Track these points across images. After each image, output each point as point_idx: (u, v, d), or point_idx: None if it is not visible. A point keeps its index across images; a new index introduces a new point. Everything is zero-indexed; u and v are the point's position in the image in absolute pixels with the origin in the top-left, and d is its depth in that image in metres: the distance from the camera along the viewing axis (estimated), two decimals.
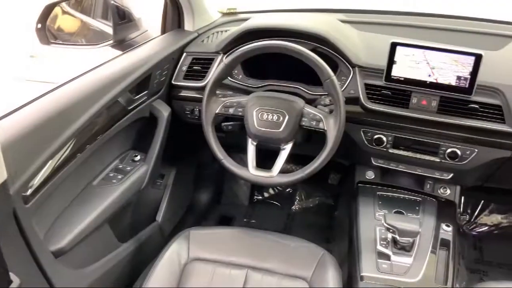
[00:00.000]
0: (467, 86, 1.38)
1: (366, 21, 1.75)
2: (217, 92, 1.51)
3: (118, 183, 1.43)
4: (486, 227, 2.23)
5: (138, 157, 1.55)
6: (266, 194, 2.44)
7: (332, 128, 1.34)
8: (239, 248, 1.41)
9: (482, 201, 2.25)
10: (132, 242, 1.60)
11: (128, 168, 1.50)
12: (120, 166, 1.50)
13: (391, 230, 1.33)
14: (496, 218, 2.25)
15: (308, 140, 1.61)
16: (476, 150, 1.44)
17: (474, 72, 1.36)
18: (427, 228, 1.45)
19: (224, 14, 1.94)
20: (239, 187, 2.39)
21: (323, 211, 2.32)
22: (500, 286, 1.29)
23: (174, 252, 1.38)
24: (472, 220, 2.25)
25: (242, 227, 1.55)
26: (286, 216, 2.31)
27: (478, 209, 2.25)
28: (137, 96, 1.51)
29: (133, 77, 1.43)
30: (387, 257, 1.34)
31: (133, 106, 1.49)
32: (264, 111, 1.38)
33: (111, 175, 1.46)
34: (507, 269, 2.03)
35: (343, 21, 1.74)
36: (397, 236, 1.32)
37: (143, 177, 1.51)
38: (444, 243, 1.41)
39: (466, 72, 1.37)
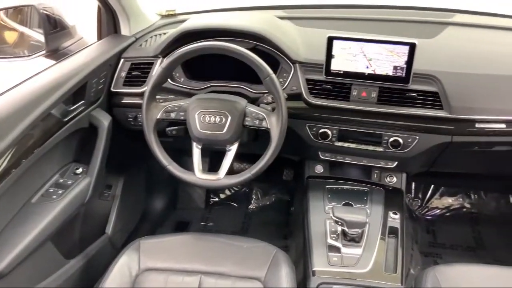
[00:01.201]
0: (403, 75, 1.40)
1: (304, 16, 1.76)
2: (158, 96, 1.48)
3: (59, 198, 1.37)
4: (438, 211, 2.30)
5: (80, 170, 1.50)
6: (222, 196, 2.42)
7: (275, 126, 1.33)
8: (192, 254, 1.39)
9: (432, 186, 2.32)
10: (81, 257, 1.55)
11: (69, 182, 1.44)
12: (61, 181, 1.45)
13: (339, 223, 1.34)
14: (447, 201, 2.33)
15: (256, 139, 1.60)
16: (417, 137, 1.47)
17: (410, 61, 1.38)
18: (375, 217, 1.47)
19: (163, 16, 1.90)
20: (194, 191, 2.36)
21: (280, 207, 2.32)
22: (453, 268, 1.33)
23: (124, 265, 1.34)
24: (424, 204, 2.32)
25: (194, 232, 1.53)
26: (243, 216, 2.30)
27: (429, 193, 2.32)
28: (74, 107, 1.45)
29: (67, 87, 1.37)
30: (338, 250, 1.35)
31: (69, 117, 1.43)
32: (206, 114, 1.35)
33: (51, 190, 1.40)
34: (460, 250, 2.09)
35: (282, 18, 1.74)
36: (346, 228, 1.34)
37: (86, 190, 1.46)
38: (393, 231, 1.44)
39: (401, 61, 1.39)
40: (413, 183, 2.31)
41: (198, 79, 1.59)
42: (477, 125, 1.42)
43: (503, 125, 1.42)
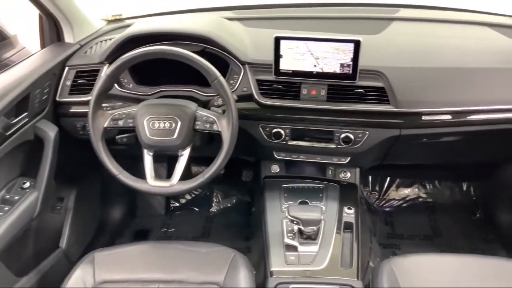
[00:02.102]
0: (350, 72, 1.42)
1: (253, 17, 1.76)
2: (105, 104, 1.45)
3: (5, 215, 1.32)
4: (395, 202, 2.35)
5: (28, 184, 1.44)
6: (182, 200, 2.39)
7: (226, 128, 1.32)
8: (149, 263, 1.36)
9: (389, 178, 2.36)
10: (33, 274, 1.50)
11: (16, 198, 1.38)
12: (7, 197, 1.39)
13: (295, 222, 1.35)
14: (403, 192, 2.38)
15: (211, 142, 1.59)
16: (367, 132, 1.50)
17: (355, 58, 1.40)
18: (331, 213, 1.49)
19: (109, 22, 1.86)
20: (153, 198, 2.32)
21: (241, 209, 2.32)
22: (408, 259, 1.36)
23: (79, 278, 1.30)
24: (381, 197, 2.36)
25: (150, 241, 1.50)
26: (204, 219, 2.28)
27: (386, 185, 2.36)
28: (16, 119, 1.39)
29: (7, 100, 1.32)
30: (295, 249, 1.36)
31: (12, 130, 1.37)
32: (155, 120, 1.33)
33: None
34: (418, 239, 2.14)
35: (231, 19, 1.74)
36: (301, 227, 1.34)
37: (34, 205, 1.41)
38: (348, 226, 1.46)
39: (348, 59, 1.41)
40: (370, 177, 2.36)
41: (148, 84, 1.56)
42: (423, 117, 1.46)
43: (448, 116, 1.46)
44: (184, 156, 1.37)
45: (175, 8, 1.92)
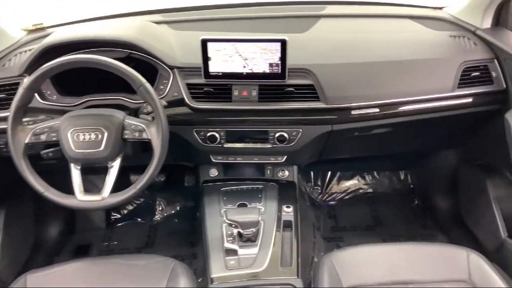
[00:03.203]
0: (280, 71, 1.43)
1: (180, 19, 1.72)
2: (27, 119, 1.37)
3: None
4: (337, 195, 2.40)
5: None
6: (124, 211, 2.32)
7: (155, 136, 1.29)
8: (86, 281, 1.30)
9: (329, 172, 2.40)
10: None
11: None
12: None
13: (233, 225, 1.34)
14: (345, 185, 2.43)
15: (145, 150, 1.54)
16: (301, 130, 1.51)
17: (283, 57, 1.41)
18: (270, 213, 1.49)
19: (30, 31, 1.76)
20: (92, 211, 2.24)
21: (186, 215, 2.28)
22: (347, 251, 1.38)
23: None
24: (324, 191, 2.40)
25: (87, 258, 1.43)
26: (148, 229, 2.23)
27: (327, 180, 2.40)
28: None
29: None
30: (235, 252, 1.35)
31: None
32: (79, 132, 1.27)
33: None
34: (360, 230, 2.20)
35: (158, 22, 1.70)
36: (240, 230, 1.33)
37: None
38: (287, 225, 1.46)
39: (276, 58, 1.42)
40: (312, 172, 2.39)
41: (73, 94, 1.49)
42: (353, 112, 1.49)
43: (376, 110, 1.50)
44: (114, 168, 1.32)
45: (101, 14, 1.86)
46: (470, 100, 1.54)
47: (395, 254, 1.37)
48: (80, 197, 1.28)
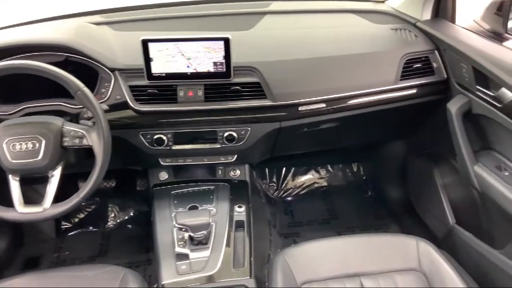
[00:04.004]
0: (224, 70, 1.41)
1: (121, 19, 1.67)
2: None
3: None
4: (293, 191, 2.41)
5: None
6: (75, 220, 2.23)
7: (97, 142, 1.24)
8: None
9: (284, 168, 2.41)
10: None
11: None
12: None
13: (183, 229, 1.31)
14: (300, 180, 2.44)
15: (89, 156, 1.49)
16: (249, 128, 1.50)
17: (227, 56, 1.39)
18: (222, 214, 1.47)
19: None
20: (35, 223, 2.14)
21: (140, 220, 2.22)
22: (300, 247, 1.38)
23: None
24: (279, 187, 2.40)
25: (33, 272, 1.36)
26: (100, 237, 2.15)
27: (282, 176, 2.41)
28: None
29: None
30: (186, 257, 1.32)
31: None
32: (15, 141, 1.21)
33: None
34: (316, 224, 2.21)
35: (98, 23, 1.64)
36: (191, 233, 1.31)
37: None
38: (239, 225, 1.45)
39: (220, 57, 1.39)
40: (267, 169, 2.39)
41: (9, 102, 1.42)
42: (300, 108, 1.49)
43: (323, 105, 1.51)
44: (55, 177, 1.26)
45: (38, 17, 1.77)
46: (413, 91, 1.57)
47: (347, 247, 1.39)
48: (20, 210, 1.22)
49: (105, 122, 1.23)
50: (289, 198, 2.38)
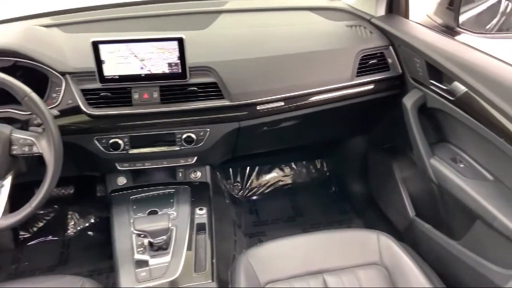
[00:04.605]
0: (180, 71, 1.38)
1: (72, 21, 1.61)
2: None
3: None
4: (258, 189, 2.40)
5: None
6: (34, 229, 2.15)
7: (47, 149, 1.19)
8: None
9: (248, 167, 2.40)
10: None
11: None
12: None
13: (142, 235, 1.28)
14: (264, 179, 2.44)
15: (43, 163, 1.43)
16: (208, 129, 1.48)
17: (182, 56, 1.36)
18: (182, 218, 1.44)
19: None
20: None
21: (101, 226, 2.16)
22: (263, 247, 1.37)
23: None
24: (244, 187, 2.39)
25: None
26: (61, 245, 2.09)
27: (246, 175, 2.39)
28: None
29: None
30: (146, 263, 1.28)
31: None
32: None
33: None
34: (281, 222, 2.21)
35: (48, 26, 1.58)
36: (150, 239, 1.28)
37: None
38: (201, 228, 1.43)
39: (174, 57, 1.36)
40: (230, 169, 2.37)
41: None
42: (258, 107, 1.47)
43: (282, 103, 1.50)
44: (5, 187, 1.20)
45: None
46: (370, 87, 1.59)
47: (310, 244, 1.39)
48: None
49: (55, 128, 1.19)
50: (254, 198, 2.37)
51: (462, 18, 1.60)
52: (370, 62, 1.58)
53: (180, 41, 1.34)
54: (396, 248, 1.34)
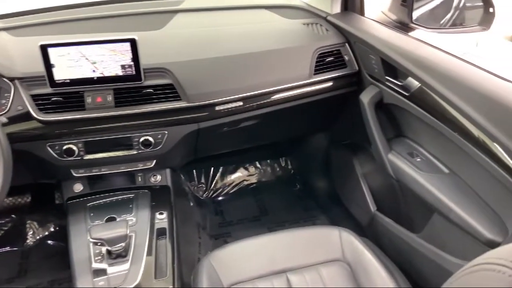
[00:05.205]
0: (134, 73, 1.35)
1: (20, 24, 1.55)
2: None
3: None
4: (223, 190, 2.38)
5: None
6: None
7: None
8: None
9: (212, 168, 2.38)
10: None
11: None
12: None
13: (99, 244, 1.24)
14: (229, 179, 2.42)
15: None
16: (166, 132, 1.45)
17: (135, 58, 1.33)
18: (142, 223, 1.41)
19: None
20: None
21: (61, 235, 2.10)
22: (226, 249, 1.36)
23: None
24: (209, 188, 2.37)
25: None
26: (19, 256, 2.01)
27: (211, 176, 2.37)
28: None
29: None
30: (104, 272, 1.25)
31: None
32: None
33: None
34: (247, 222, 2.20)
35: None
36: (108, 247, 1.24)
37: None
38: (161, 232, 1.40)
39: (128, 59, 1.33)
40: (194, 171, 2.34)
41: None
42: (217, 108, 1.46)
43: (240, 103, 1.49)
44: None
45: None
46: (328, 84, 1.59)
47: (274, 244, 1.39)
48: None
49: (3, 136, 1.14)
50: (219, 198, 2.35)
51: (415, 14, 1.63)
52: (327, 59, 1.59)
53: (133, 42, 1.31)
54: (358, 243, 1.36)
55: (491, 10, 1.51)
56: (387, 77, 1.46)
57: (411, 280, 1.37)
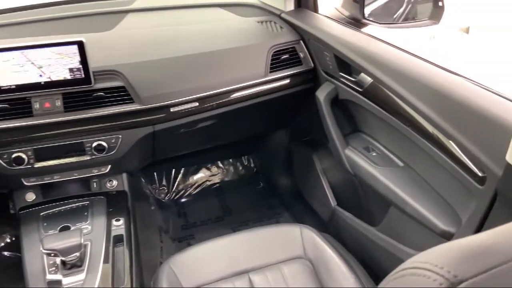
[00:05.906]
0: (83, 76, 1.31)
1: None
2: None
3: None
4: (185, 191, 2.34)
5: None
6: None
7: None
8: None
9: (173, 169, 2.34)
10: None
11: None
12: None
13: (52, 254, 1.20)
14: (191, 180, 2.39)
15: None
16: (120, 136, 1.41)
17: (84, 60, 1.29)
18: (97, 231, 1.37)
19: None
20: None
21: (17, 246, 2.01)
22: (186, 253, 1.33)
23: None
24: (171, 190, 2.33)
25: None
26: None
27: (172, 178, 2.33)
28: None
29: None
30: (59, 283, 1.21)
31: None
32: None
33: None
34: (210, 223, 2.17)
35: None
36: (62, 257, 1.20)
37: None
38: (118, 239, 1.36)
39: (76, 62, 1.29)
40: (155, 173, 2.30)
41: None
42: (171, 109, 1.43)
43: (196, 104, 1.47)
44: None
45: None
46: (284, 82, 1.59)
47: (235, 244, 1.38)
48: None
49: None
50: (182, 200, 2.32)
51: (368, 9, 1.65)
52: (282, 57, 1.58)
53: (80, 45, 1.27)
54: (319, 240, 1.36)
55: (440, 4, 1.54)
56: (341, 74, 1.47)
57: (372, 273, 1.38)
